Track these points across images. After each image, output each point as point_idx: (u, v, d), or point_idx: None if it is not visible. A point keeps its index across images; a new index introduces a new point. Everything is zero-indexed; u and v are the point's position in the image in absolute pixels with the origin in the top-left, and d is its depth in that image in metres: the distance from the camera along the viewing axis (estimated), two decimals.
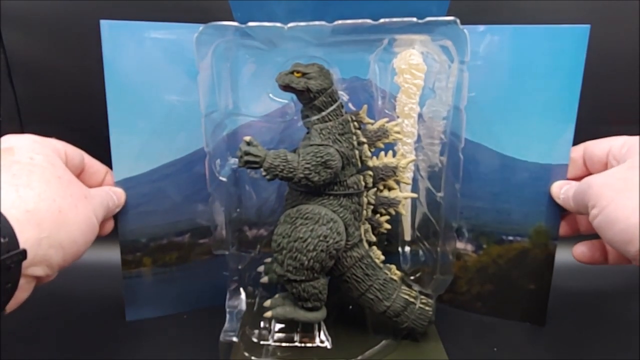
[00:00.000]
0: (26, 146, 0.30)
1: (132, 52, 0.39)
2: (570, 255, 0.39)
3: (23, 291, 0.27)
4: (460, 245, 0.43)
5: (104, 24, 0.38)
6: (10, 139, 0.31)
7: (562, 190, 0.38)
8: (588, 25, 0.36)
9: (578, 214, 0.39)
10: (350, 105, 0.39)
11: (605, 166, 0.36)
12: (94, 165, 0.39)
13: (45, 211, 0.26)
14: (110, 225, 0.39)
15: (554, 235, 0.40)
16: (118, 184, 0.40)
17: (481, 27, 0.38)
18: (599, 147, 0.37)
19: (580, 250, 0.38)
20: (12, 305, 0.27)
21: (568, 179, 0.39)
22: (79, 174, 0.37)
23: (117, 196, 0.39)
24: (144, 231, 0.42)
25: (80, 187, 0.32)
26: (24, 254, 0.25)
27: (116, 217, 0.40)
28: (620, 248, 0.29)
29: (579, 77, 0.37)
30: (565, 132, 0.38)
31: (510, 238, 0.42)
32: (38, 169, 0.28)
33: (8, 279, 0.25)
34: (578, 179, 0.37)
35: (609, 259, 0.38)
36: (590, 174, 0.36)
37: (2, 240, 0.24)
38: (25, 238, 0.25)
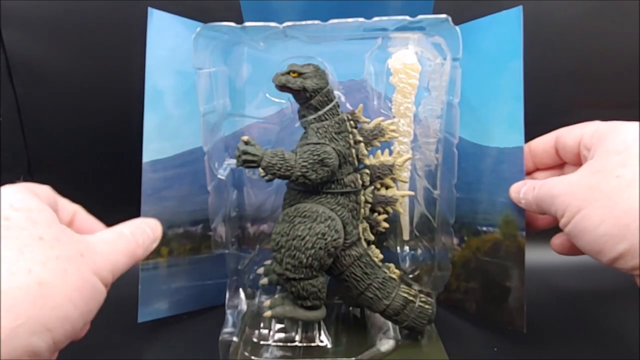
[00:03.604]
0: (4, 201, 0.23)
1: (172, 40, 0.39)
2: (569, 255, 0.38)
3: None
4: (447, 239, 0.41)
5: (151, 12, 0.38)
6: None
7: (520, 194, 0.35)
8: (520, 6, 0.35)
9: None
10: (347, 105, 0.40)
11: (578, 156, 0.34)
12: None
13: (18, 289, 0.20)
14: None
15: (521, 225, 0.38)
16: (146, 165, 0.39)
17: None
18: (570, 135, 0.34)
19: (559, 241, 0.36)
20: None
21: (538, 169, 0.37)
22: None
23: (151, 229, 0.30)
24: (164, 217, 0.40)
25: (74, 242, 0.24)
26: None
27: (139, 202, 0.39)
28: (593, 256, 0.29)
29: (520, 57, 0.35)
30: (515, 113, 0.36)
31: (484, 228, 0.40)
32: (13, 231, 0.22)
33: None
34: (552, 167, 0.36)
35: None
36: (564, 163, 0.35)
37: None
38: None
